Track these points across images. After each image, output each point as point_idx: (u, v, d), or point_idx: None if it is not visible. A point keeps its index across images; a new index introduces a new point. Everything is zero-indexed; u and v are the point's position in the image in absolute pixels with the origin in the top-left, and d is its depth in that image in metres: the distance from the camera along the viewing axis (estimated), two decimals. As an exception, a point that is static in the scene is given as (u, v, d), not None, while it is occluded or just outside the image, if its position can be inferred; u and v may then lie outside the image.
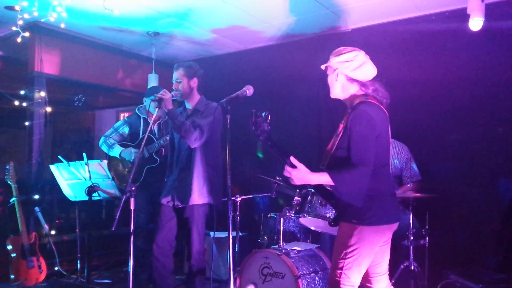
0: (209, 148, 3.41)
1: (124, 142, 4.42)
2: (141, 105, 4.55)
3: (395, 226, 2.47)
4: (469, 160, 4.07)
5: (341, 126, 2.45)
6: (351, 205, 2.34)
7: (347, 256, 2.35)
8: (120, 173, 4.42)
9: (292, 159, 2.39)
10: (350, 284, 2.38)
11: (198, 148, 3.38)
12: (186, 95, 3.47)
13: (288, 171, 2.40)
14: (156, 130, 4.40)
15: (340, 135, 2.41)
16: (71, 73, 5.17)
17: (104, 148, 4.40)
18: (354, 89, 2.48)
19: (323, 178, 2.32)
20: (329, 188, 2.39)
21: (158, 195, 3.63)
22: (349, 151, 2.33)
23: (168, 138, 3.88)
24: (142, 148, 3.08)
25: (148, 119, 4.40)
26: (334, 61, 2.49)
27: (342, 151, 2.37)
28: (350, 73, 2.45)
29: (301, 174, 2.37)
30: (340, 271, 2.36)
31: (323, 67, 2.61)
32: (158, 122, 4.41)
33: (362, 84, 2.46)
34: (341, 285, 2.37)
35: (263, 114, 2.41)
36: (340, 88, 2.51)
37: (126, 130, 4.48)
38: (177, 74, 3.45)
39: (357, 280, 2.41)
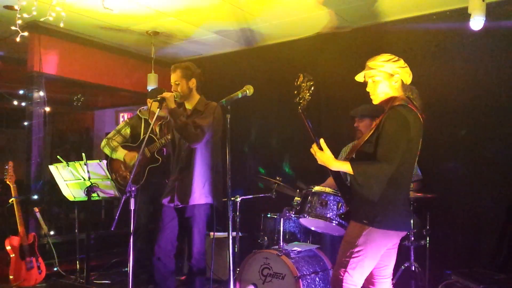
0: (209, 148, 3.40)
1: (126, 143, 4.41)
2: (142, 107, 4.54)
3: (403, 233, 2.50)
4: (469, 160, 4.06)
5: (374, 124, 2.49)
6: (365, 205, 2.37)
7: (353, 256, 2.36)
8: (123, 175, 4.40)
9: (321, 141, 2.46)
10: (352, 284, 2.39)
11: (199, 148, 3.37)
12: (186, 96, 3.46)
13: (314, 150, 2.47)
14: (157, 130, 4.39)
15: (371, 132, 2.44)
16: (70, 73, 5.16)
17: (107, 150, 4.39)
18: (400, 93, 2.52)
19: (344, 167, 2.38)
20: (348, 182, 2.41)
21: (158, 195, 3.61)
22: (376, 146, 2.36)
23: (169, 137, 3.87)
24: (143, 148, 3.06)
25: (149, 120, 4.39)
26: (394, 66, 2.51)
27: (370, 146, 2.40)
28: (406, 78, 2.52)
29: (325, 157, 2.45)
30: (344, 269, 2.38)
31: (361, 76, 2.61)
32: (159, 122, 4.39)
33: (409, 89, 2.53)
34: (343, 284, 2.38)
35: (308, 82, 2.43)
36: (392, 92, 2.53)
37: (128, 131, 4.48)
38: (175, 77, 3.43)
39: (360, 281, 2.41)
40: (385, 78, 2.52)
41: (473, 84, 4.05)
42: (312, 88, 2.45)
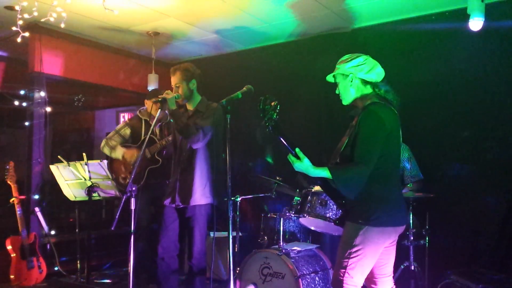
0: (210, 149, 3.41)
1: (126, 144, 4.40)
2: (142, 108, 4.54)
3: (401, 228, 2.50)
4: (469, 160, 4.07)
5: (352, 126, 2.49)
6: (359, 204, 2.38)
7: (351, 256, 2.36)
8: (123, 176, 4.40)
9: (297, 150, 2.45)
10: (353, 284, 2.39)
11: (200, 149, 3.38)
12: (188, 98, 3.47)
13: (292, 159, 2.46)
14: (157, 131, 4.38)
15: (350, 135, 2.45)
16: (71, 73, 5.17)
17: (106, 150, 4.38)
18: (367, 91, 2.52)
19: (323, 173, 2.38)
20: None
21: (160, 196, 3.62)
22: (353, 148, 2.36)
23: (170, 138, 3.87)
24: (143, 149, 3.07)
25: (150, 121, 4.39)
26: (346, 67, 2.52)
27: (350, 149, 2.41)
28: (364, 76, 2.49)
29: (303, 166, 2.43)
30: (344, 270, 2.38)
31: (331, 76, 2.63)
32: (159, 123, 4.39)
33: (375, 86, 2.51)
34: (344, 285, 2.38)
35: (272, 103, 2.45)
36: (354, 93, 2.54)
37: (127, 132, 4.46)
38: (175, 79, 3.43)
39: (360, 281, 2.42)
40: (343, 79, 2.55)
41: (472, 85, 4.05)
42: (278, 107, 2.48)
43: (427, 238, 3.67)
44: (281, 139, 2.47)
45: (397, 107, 2.51)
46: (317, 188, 3.41)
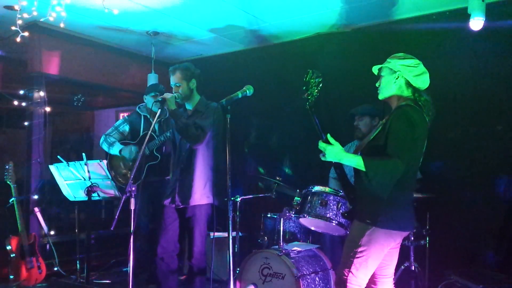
0: (210, 149, 3.40)
1: (125, 140, 4.40)
2: (141, 104, 4.53)
3: (407, 233, 2.51)
4: (469, 160, 4.06)
5: (381, 123, 2.48)
6: (369, 204, 2.37)
7: (357, 256, 2.37)
8: (122, 173, 4.40)
9: (329, 136, 2.41)
10: (357, 284, 2.39)
11: (199, 149, 3.38)
12: (187, 97, 3.46)
13: (323, 146, 2.41)
14: (156, 127, 4.37)
15: (377, 131, 2.44)
16: (71, 73, 5.16)
17: (105, 146, 4.38)
18: (407, 94, 2.51)
19: (356, 161, 2.32)
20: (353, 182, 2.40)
21: (159, 195, 3.62)
22: (386, 144, 2.34)
23: (168, 134, 3.86)
24: (144, 146, 3.06)
25: (150, 117, 4.38)
26: (397, 63, 2.50)
27: (376, 145, 2.39)
28: (411, 78, 2.48)
29: (335, 150, 2.37)
30: (348, 269, 2.39)
31: (376, 68, 2.60)
32: (158, 119, 4.38)
33: (417, 91, 2.50)
34: (348, 284, 2.38)
35: (317, 79, 2.40)
36: (394, 90, 2.52)
37: (126, 128, 4.46)
38: (175, 78, 3.42)
39: (364, 281, 2.42)
40: (388, 74, 2.53)
41: (473, 85, 4.05)
42: (321, 85, 2.42)
43: (427, 239, 3.66)
44: (315, 118, 2.41)
45: (431, 119, 2.49)
46: (317, 188, 3.41)
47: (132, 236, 2.81)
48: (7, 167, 4.36)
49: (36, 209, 4.68)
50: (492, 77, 3.98)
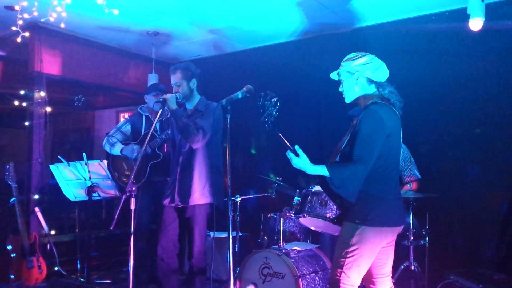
0: (209, 148, 3.41)
1: (127, 141, 4.41)
2: (143, 105, 4.54)
3: (398, 229, 2.49)
4: (469, 160, 4.07)
5: (352, 126, 2.48)
6: (356, 204, 2.37)
7: (348, 256, 2.36)
8: (125, 173, 4.40)
9: (296, 147, 2.43)
10: (349, 284, 2.39)
11: (199, 148, 3.38)
12: (188, 97, 3.47)
13: (290, 156, 2.44)
14: (158, 127, 4.38)
15: (350, 133, 2.45)
16: (71, 73, 5.17)
17: (107, 147, 4.38)
18: (371, 91, 2.52)
19: (321, 170, 2.35)
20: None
21: (160, 195, 3.62)
22: (352, 147, 2.36)
23: (169, 132, 3.87)
24: (146, 144, 3.06)
25: (151, 117, 4.39)
26: (352, 65, 2.51)
27: (349, 148, 2.40)
28: (370, 75, 2.49)
29: (301, 163, 2.40)
30: (341, 270, 2.38)
31: (335, 74, 2.62)
32: (160, 118, 4.39)
33: (380, 85, 2.51)
34: (340, 284, 2.38)
35: (273, 99, 2.43)
36: (358, 91, 2.53)
37: (128, 128, 4.47)
38: (175, 78, 3.43)
39: (357, 281, 2.41)
40: (348, 77, 2.54)
41: (473, 85, 4.05)
42: (278, 104, 2.45)
43: (427, 238, 3.67)
44: (280, 135, 2.44)
45: (399, 108, 2.51)
46: (317, 188, 3.41)
47: (132, 236, 2.82)
48: (7, 167, 4.37)
49: (37, 209, 4.68)
50: (492, 77, 3.98)
